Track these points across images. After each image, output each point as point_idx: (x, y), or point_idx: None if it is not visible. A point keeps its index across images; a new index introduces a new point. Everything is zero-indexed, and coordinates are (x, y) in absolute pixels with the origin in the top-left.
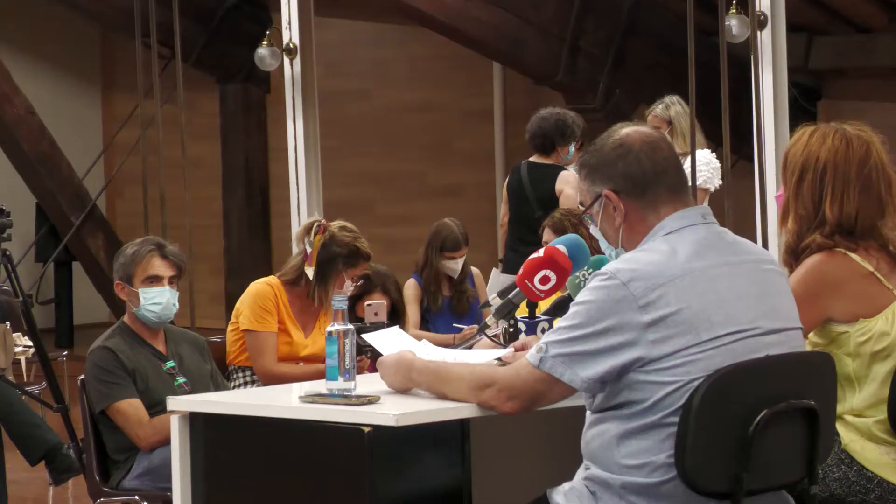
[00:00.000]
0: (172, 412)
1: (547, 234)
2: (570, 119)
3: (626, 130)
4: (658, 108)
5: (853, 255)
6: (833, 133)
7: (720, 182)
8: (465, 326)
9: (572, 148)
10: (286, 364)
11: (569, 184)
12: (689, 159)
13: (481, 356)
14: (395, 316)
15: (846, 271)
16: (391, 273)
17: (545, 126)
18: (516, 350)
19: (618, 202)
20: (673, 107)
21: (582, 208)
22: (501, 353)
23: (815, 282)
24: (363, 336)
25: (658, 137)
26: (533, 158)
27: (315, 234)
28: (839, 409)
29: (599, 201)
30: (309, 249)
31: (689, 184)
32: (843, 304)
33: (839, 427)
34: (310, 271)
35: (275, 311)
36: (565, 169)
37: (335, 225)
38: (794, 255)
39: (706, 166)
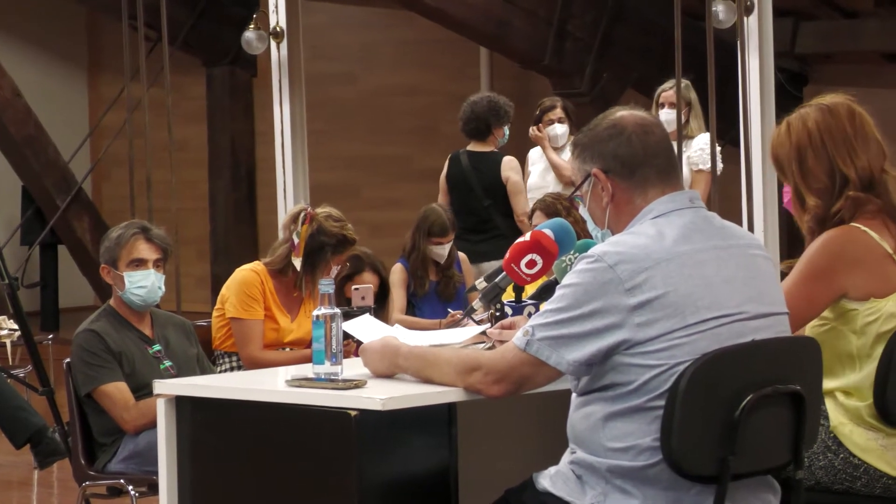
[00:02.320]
0: (159, 396)
1: (538, 218)
2: (501, 101)
3: (621, 113)
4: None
5: (872, 233)
6: (808, 110)
7: (721, 165)
8: (459, 312)
9: (507, 130)
10: (272, 351)
11: (513, 170)
12: (692, 142)
13: (459, 334)
14: (383, 296)
15: (864, 248)
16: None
17: (478, 110)
18: (503, 328)
19: (606, 182)
20: (691, 91)
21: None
22: (479, 329)
23: (834, 256)
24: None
25: (652, 122)
26: (471, 147)
27: (302, 224)
28: (833, 384)
29: (589, 180)
30: (296, 240)
31: (680, 170)
32: (859, 281)
33: (829, 404)
34: (297, 261)
35: (261, 298)
36: (505, 155)
37: (322, 213)
38: (823, 223)
39: (707, 149)
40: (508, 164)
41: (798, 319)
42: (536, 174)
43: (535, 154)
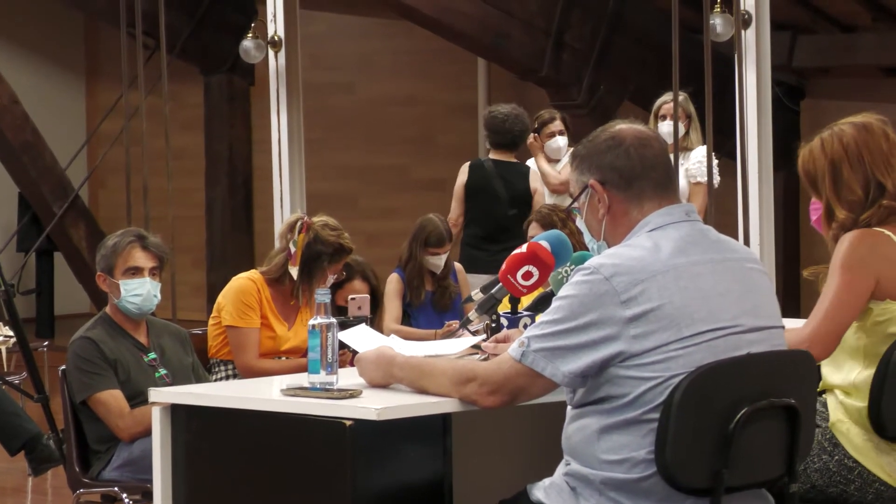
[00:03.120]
0: (154, 404)
1: (534, 229)
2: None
3: (620, 126)
4: (679, 99)
5: (895, 237)
6: (843, 127)
7: (719, 178)
8: (455, 322)
9: None
10: (268, 360)
11: (538, 181)
12: (690, 154)
13: (454, 345)
14: (374, 303)
15: (890, 249)
16: (367, 262)
17: (524, 122)
18: (498, 342)
19: (602, 193)
20: (689, 103)
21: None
22: (475, 340)
23: (866, 247)
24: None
25: (651, 135)
26: (495, 155)
27: (299, 233)
28: (836, 378)
29: (586, 192)
30: (293, 249)
31: (677, 183)
32: (886, 278)
33: (829, 401)
34: (293, 270)
35: (257, 307)
36: (529, 167)
37: (318, 222)
38: (847, 231)
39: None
40: (535, 175)
41: (849, 311)
42: None
43: (531, 166)
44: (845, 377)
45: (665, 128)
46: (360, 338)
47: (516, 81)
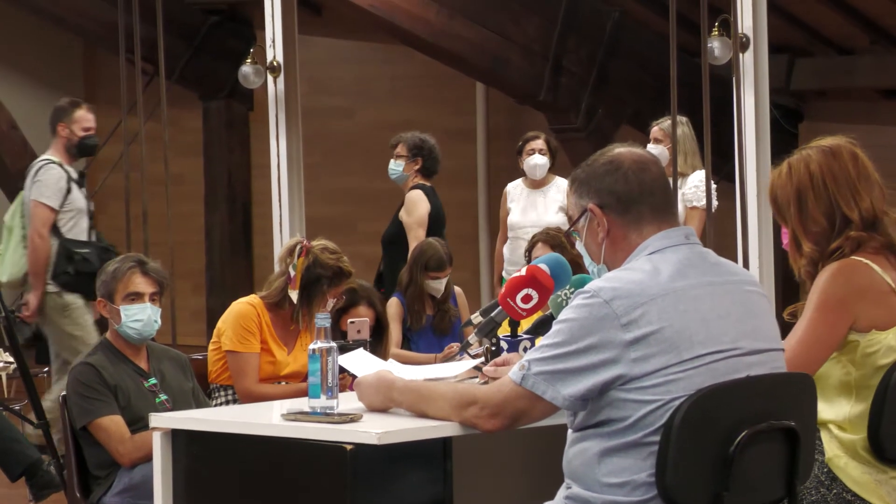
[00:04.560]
0: (154, 429)
1: (540, 249)
2: None
3: (619, 150)
4: (665, 123)
5: (875, 266)
6: (810, 152)
7: (716, 202)
8: (455, 345)
9: None
10: (268, 385)
11: None
12: (686, 179)
13: (453, 368)
14: (380, 329)
15: (869, 279)
16: (374, 288)
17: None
18: (497, 366)
19: (601, 217)
20: (681, 126)
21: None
22: (474, 363)
23: (846, 284)
24: None
25: (649, 159)
26: (427, 182)
27: (298, 257)
28: (828, 414)
29: (585, 216)
30: (292, 273)
31: (676, 206)
32: (865, 311)
33: (823, 436)
34: (293, 294)
35: (257, 331)
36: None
37: (317, 246)
38: (816, 265)
39: (702, 187)
40: None
41: (823, 349)
42: (518, 212)
43: (514, 190)
44: (837, 413)
45: (652, 151)
46: (359, 362)
47: (514, 106)
